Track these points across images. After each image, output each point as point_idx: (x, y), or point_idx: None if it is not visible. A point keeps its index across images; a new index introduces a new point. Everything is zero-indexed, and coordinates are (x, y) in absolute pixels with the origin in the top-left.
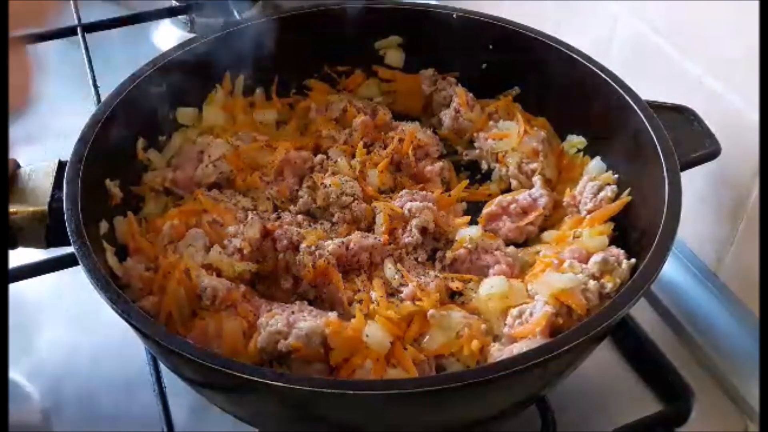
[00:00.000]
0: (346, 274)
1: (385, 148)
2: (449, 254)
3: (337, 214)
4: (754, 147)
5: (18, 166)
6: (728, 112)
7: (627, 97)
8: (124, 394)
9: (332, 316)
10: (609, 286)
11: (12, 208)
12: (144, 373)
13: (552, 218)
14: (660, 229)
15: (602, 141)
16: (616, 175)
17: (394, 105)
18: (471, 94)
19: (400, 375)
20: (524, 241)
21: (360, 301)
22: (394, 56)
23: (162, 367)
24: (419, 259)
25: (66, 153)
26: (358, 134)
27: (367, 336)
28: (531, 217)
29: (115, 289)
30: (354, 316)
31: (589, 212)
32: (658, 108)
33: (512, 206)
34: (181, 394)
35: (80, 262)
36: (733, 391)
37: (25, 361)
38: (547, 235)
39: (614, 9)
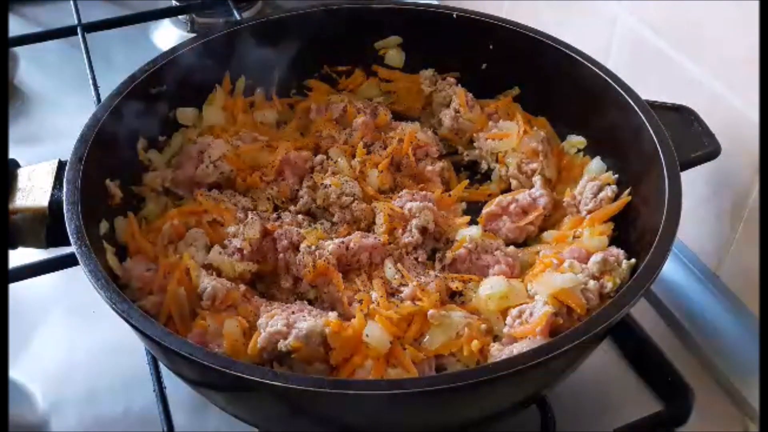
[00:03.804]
0: (346, 274)
1: (385, 148)
2: (449, 254)
3: (337, 214)
4: (754, 147)
5: (18, 166)
6: (728, 112)
7: (627, 97)
8: (124, 394)
9: (332, 316)
10: (609, 286)
11: (12, 208)
12: (144, 373)
13: (552, 218)
14: (660, 229)
15: (602, 141)
16: (616, 175)
17: (394, 105)
18: (471, 94)
19: (400, 375)
20: (524, 241)
21: (360, 301)
22: (394, 56)
23: (162, 367)
24: (419, 259)
25: (66, 153)
26: (358, 134)
27: (367, 336)
28: (531, 217)
29: (115, 289)
30: (354, 316)
31: (589, 212)
32: (658, 108)
33: (512, 206)
34: (181, 394)
35: (80, 262)
36: (733, 391)
37: (25, 361)
38: (547, 235)
39: (614, 9)
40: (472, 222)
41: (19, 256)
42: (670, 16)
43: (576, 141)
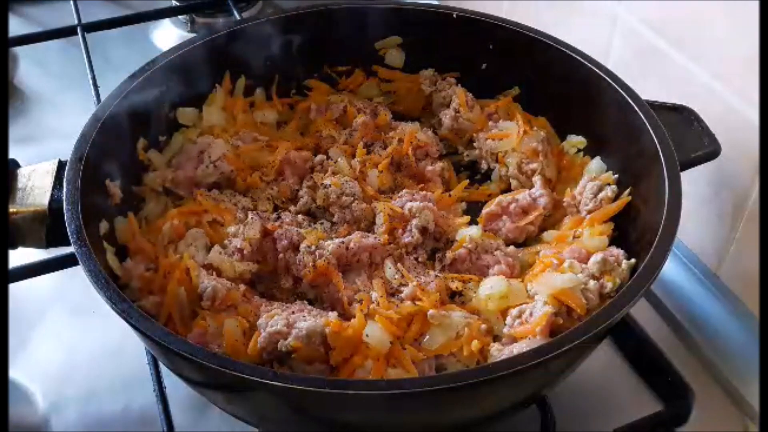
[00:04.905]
0: (346, 274)
1: (385, 148)
2: (449, 254)
3: (338, 214)
4: (754, 147)
5: (18, 166)
6: (728, 113)
7: (627, 97)
8: (124, 394)
9: (332, 316)
10: (609, 286)
11: (12, 208)
12: (144, 373)
13: (552, 218)
14: (660, 229)
15: (602, 141)
16: (616, 175)
17: (394, 105)
18: (471, 95)
19: (400, 375)
20: (524, 241)
21: (360, 301)
22: (394, 56)
23: (162, 367)
24: (419, 259)
25: (66, 153)
26: (359, 134)
27: (367, 336)
28: (531, 217)
29: (115, 289)
30: (354, 316)
31: (589, 212)
32: (658, 108)
33: (512, 206)
34: (181, 394)
35: (80, 262)
36: (733, 391)
37: (25, 361)
38: (547, 235)
39: (614, 9)
40: (472, 222)
41: (19, 256)
42: (670, 16)
43: (576, 141)
